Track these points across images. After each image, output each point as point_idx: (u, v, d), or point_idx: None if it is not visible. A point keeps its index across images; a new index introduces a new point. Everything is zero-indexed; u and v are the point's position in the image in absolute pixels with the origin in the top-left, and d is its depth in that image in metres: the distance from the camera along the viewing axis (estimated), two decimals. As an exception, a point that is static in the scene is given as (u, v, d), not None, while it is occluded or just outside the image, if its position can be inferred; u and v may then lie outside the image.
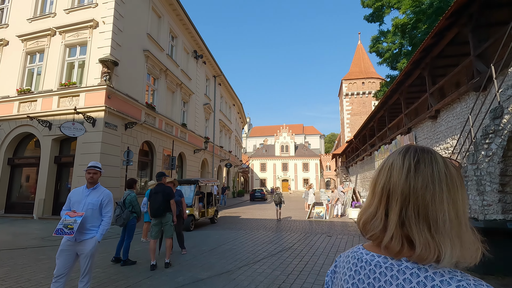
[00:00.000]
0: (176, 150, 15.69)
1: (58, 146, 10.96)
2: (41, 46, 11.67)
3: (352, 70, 46.92)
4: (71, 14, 11.52)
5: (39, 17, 12.04)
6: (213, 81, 23.90)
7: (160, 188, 4.99)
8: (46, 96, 10.94)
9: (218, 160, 24.82)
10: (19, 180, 11.63)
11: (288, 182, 55.67)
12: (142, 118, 12.56)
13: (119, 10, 11.14)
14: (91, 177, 3.37)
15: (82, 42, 11.17)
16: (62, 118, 10.44)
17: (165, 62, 14.83)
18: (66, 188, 10.72)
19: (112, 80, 10.51)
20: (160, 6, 14.51)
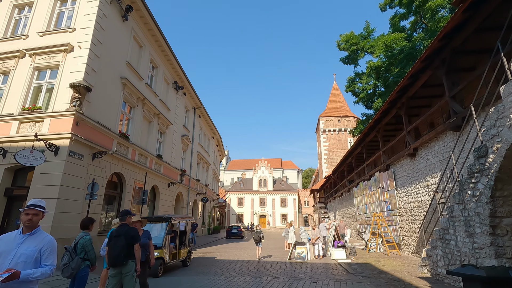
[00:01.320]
0: (149, 183, 14.63)
1: (11, 176, 9.70)
2: (7, 68, 10.86)
3: (329, 108, 48.93)
4: (44, 37, 10.99)
5: (9, 38, 11.38)
6: (193, 112, 23.57)
7: (123, 230, 4.22)
8: (4, 121, 9.90)
9: (194, 194, 23.59)
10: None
11: (266, 217, 54.12)
12: (114, 147, 11.67)
13: (98, 36, 10.79)
14: (29, 220, 2.63)
15: (53, 65, 10.52)
16: (21, 145, 9.37)
17: (144, 91, 14.37)
18: (15, 225, 9.29)
19: (83, 106, 9.79)
20: (142, 36, 14.40)
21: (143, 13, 13.82)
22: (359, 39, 22.20)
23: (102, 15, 11.10)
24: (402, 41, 17.39)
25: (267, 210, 54.52)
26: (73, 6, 11.49)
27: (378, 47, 18.46)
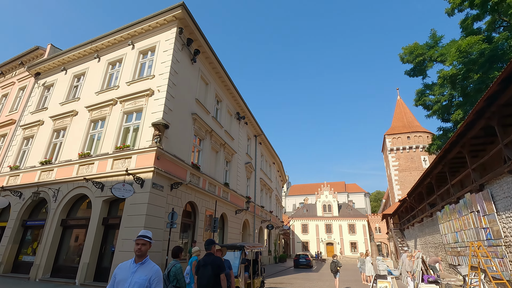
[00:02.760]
0: (218, 210, 15.20)
1: (107, 207, 11.14)
2: (104, 114, 12.94)
3: (395, 124, 45.38)
4: (131, 86, 12.88)
5: (105, 90, 13.66)
6: (254, 140, 24.31)
7: (209, 259, 4.36)
8: (102, 159, 11.62)
9: (260, 221, 23.61)
10: (68, 242, 11.75)
11: (334, 245, 50.68)
12: (187, 178, 12.60)
13: (173, 79, 12.21)
14: (139, 249, 2.92)
15: (138, 109, 12.17)
16: (114, 179, 10.80)
17: (211, 124, 15.48)
18: (110, 251, 10.47)
19: (162, 142, 10.94)
20: (208, 74, 15.81)
21: (208, 55, 15.28)
22: (425, 49, 20.57)
23: (175, 60, 12.61)
24: (480, 44, 15.48)
25: (334, 237, 51.17)
26: (152, 56, 13.35)
27: (450, 54, 16.75)
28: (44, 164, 13.30)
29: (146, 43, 13.67)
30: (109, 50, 14.86)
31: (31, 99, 16.57)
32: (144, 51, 13.76)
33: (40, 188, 12.56)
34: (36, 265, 11.01)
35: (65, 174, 12.35)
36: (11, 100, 18.04)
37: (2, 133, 16.74)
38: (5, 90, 18.96)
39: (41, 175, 13.20)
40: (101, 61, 14.87)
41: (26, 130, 15.44)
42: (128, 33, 13.99)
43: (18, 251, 12.63)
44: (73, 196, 11.79)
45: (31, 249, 12.40)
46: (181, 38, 13.17)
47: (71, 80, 15.60)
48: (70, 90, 15.38)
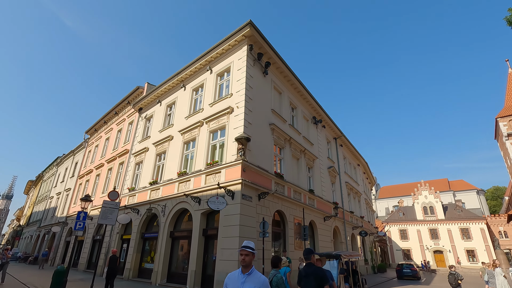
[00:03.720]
0: (306, 218, 14.94)
1: (205, 219, 12.22)
2: (194, 136, 14.44)
3: (509, 104, 37.02)
4: (213, 107, 14.06)
5: (192, 114, 15.27)
6: (334, 143, 23.30)
7: (311, 270, 4.21)
8: (197, 176, 12.89)
9: (350, 228, 22.18)
10: (177, 251, 13.29)
11: (444, 254, 43.59)
12: (273, 187, 12.83)
13: (249, 94, 12.81)
14: (243, 259, 3.02)
15: (221, 126, 13.15)
16: (208, 193, 11.82)
17: (288, 132, 15.54)
18: (212, 260, 11.36)
19: (246, 154, 11.47)
20: (280, 84, 16.06)
21: (279, 65, 15.55)
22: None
23: (249, 76, 13.24)
24: None
25: (443, 244, 44.03)
26: (228, 77, 14.35)
27: None
28: (152, 184, 15.54)
29: (222, 66, 14.80)
30: (192, 78, 16.67)
31: (137, 130, 19.82)
32: (220, 73, 14.92)
33: (151, 205, 14.72)
34: (155, 272, 12.79)
35: (169, 192, 14.15)
36: (124, 134, 21.96)
37: (120, 161, 20.44)
38: (119, 126, 23.23)
39: (151, 194, 15.45)
40: (186, 89, 16.78)
41: (136, 157, 18.46)
42: (206, 59, 15.43)
43: (140, 259, 14.94)
44: (177, 210, 13.35)
45: (150, 258, 14.49)
46: (252, 54, 13.79)
47: (165, 109, 18.05)
48: (165, 118, 17.78)
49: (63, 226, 25.66)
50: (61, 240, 25.36)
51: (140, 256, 14.98)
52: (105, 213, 10.14)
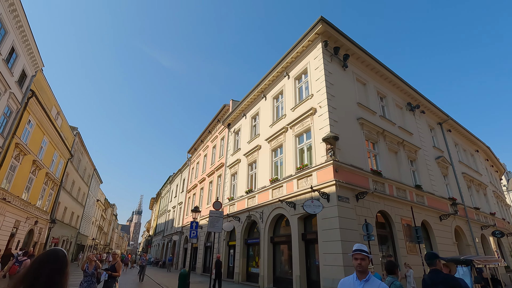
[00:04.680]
0: (416, 218, 13.09)
1: (302, 223, 12.13)
2: (280, 142, 14.71)
3: None
4: (295, 111, 14.06)
5: (276, 121, 15.64)
6: (440, 129, 19.98)
7: (439, 278, 3.58)
8: (288, 181, 13.01)
9: (478, 227, 18.35)
10: (279, 256, 13.59)
11: None
12: (371, 186, 11.81)
13: (330, 92, 12.30)
14: (359, 264, 2.77)
15: (306, 129, 12.99)
16: (302, 197, 11.74)
17: (380, 124, 14.16)
18: (315, 265, 11.13)
19: (336, 154, 10.96)
20: (362, 74, 14.89)
21: (359, 55, 14.49)
22: None
23: (328, 73, 12.75)
24: None
25: None
26: (306, 78, 14.17)
27: None
28: (248, 193, 16.48)
29: (298, 69, 14.76)
30: (271, 88, 17.18)
31: (229, 144, 21.52)
32: (298, 76, 14.88)
33: (250, 212, 15.59)
34: (262, 276, 13.34)
35: (264, 199, 14.71)
36: (218, 149, 24.20)
37: (218, 174, 22.52)
38: (213, 142, 25.76)
39: (248, 202, 16.38)
40: (267, 99, 17.36)
41: (231, 169, 19.99)
42: (281, 66, 15.69)
43: (247, 264, 15.88)
44: (274, 216, 13.72)
45: (255, 263, 15.25)
46: (328, 50, 13.29)
47: (250, 121, 19.07)
48: (251, 129, 18.77)
49: (180, 235, 29.73)
50: (180, 247, 29.40)
51: (246, 261, 15.94)
52: (213, 222, 11.25)
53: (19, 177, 19.47)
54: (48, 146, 23.89)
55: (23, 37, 17.10)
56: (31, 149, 20.41)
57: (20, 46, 17.06)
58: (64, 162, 28.71)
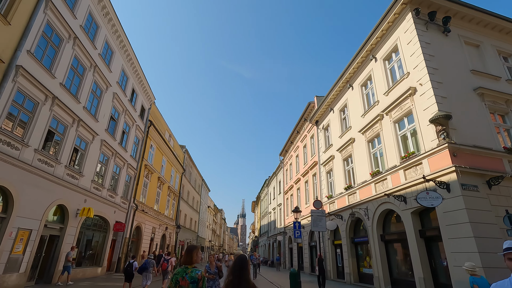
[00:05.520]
0: None
1: (418, 219, 10.72)
2: (376, 132, 13.50)
3: None
4: (389, 95, 12.68)
5: (367, 110, 14.47)
6: None
7: None
8: (392, 173, 11.77)
9: None
10: (394, 256, 12.36)
11: None
12: (507, 168, 9.50)
13: (431, 65, 10.60)
14: (515, 264, 2.28)
15: (406, 112, 11.52)
16: (413, 189, 10.41)
17: (509, 90, 11.30)
18: (441, 266, 9.63)
19: (451, 135, 9.31)
20: (473, 36, 12.26)
21: (465, 12, 11.98)
22: None
23: (425, 45, 11.04)
24: None
25: None
26: (397, 56, 12.64)
27: None
28: (347, 189, 15.68)
29: (386, 48, 13.32)
30: (356, 75, 16.05)
31: (319, 142, 21.07)
32: (387, 56, 13.43)
33: (353, 210, 14.79)
34: (376, 277, 12.39)
35: (366, 194, 13.72)
36: (308, 148, 24.01)
37: (312, 173, 22.30)
38: (303, 142, 25.71)
39: (349, 199, 15.58)
40: (354, 88, 16.27)
41: (325, 166, 19.48)
42: (366, 50, 14.48)
43: (357, 264, 15.05)
44: (381, 212, 12.60)
45: (366, 262, 14.30)
46: (421, 18, 11.52)
47: (339, 115, 18.22)
48: (341, 123, 17.90)
49: (284, 235, 30.63)
50: (285, 247, 30.27)
51: (355, 260, 15.13)
52: (315, 221, 11.17)
53: (150, 191, 23.94)
54: (167, 164, 28.60)
55: (139, 79, 21.14)
56: (155, 168, 24.84)
57: (137, 86, 21.15)
58: (179, 176, 33.79)
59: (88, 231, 15.42)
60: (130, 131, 19.92)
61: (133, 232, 20.70)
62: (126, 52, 18.52)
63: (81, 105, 13.53)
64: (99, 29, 15.03)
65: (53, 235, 12.38)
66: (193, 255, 2.96)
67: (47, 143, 11.66)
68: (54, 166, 11.81)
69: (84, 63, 13.71)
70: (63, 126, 12.37)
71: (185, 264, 2.96)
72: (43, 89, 10.80)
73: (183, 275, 2.82)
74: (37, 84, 10.47)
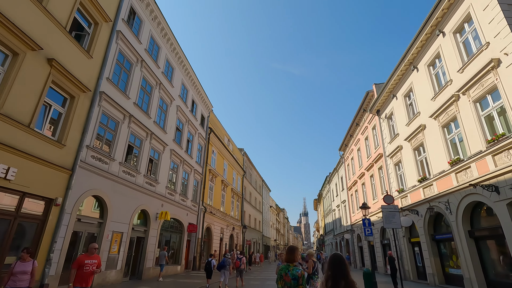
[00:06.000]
0: None
1: (516, 211, 9.14)
2: (451, 115, 11.98)
3: None
4: (464, 72, 11.14)
5: (438, 92, 12.93)
6: None
7: None
8: (477, 159, 10.28)
9: None
10: (488, 255, 10.73)
11: None
12: None
13: (518, 29, 8.97)
14: None
15: (490, 89, 9.95)
16: (506, 177, 8.92)
17: None
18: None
19: (555, 109, 7.72)
20: None
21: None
22: None
23: (506, 7, 9.41)
24: None
25: None
26: (471, 26, 11.05)
27: None
28: (422, 181, 14.22)
29: (455, 20, 11.75)
30: (421, 55, 14.51)
31: (383, 132, 19.59)
32: (457, 28, 11.84)
33: (430, 204, 13.35)
34: (468, 279, 10.93)
35: (446, 185, 12.25)
36: (371, 140, 22.52)
37: (378, 166, 20.83)
38: (364, 134, 24.24)
39: (424, 192, 14.11)
40: (419, 69, 14.73)
41: (392, 158, 18.01)
42: (430, 25, 13.00)
43: (441, 264, 13.51)
44: (467, 205, 11.09)
45: (453, 262, 12.75)
46: (498, -23, 9.86)
47: (403, 101, 16.68)
48: (407, 110, 16.35)
49: (352, 233, 29.25)
50: (354, 245, 28.86)
51: (439, 260, 13.62)
52: (388, 217, 10.41)
53: (216, 194, 25.36)
54: (228, 168, 29.94)
55: (197, 90, 22.64)
56: (218, 172, 26.22)
57: (196, 97, 22.67)
58: (240, 178, 35.05)
59: (167, 233, 17.07)
60: (194, 139, 21.43)
61: (204, 233, 22.18)
62: (185, 67, 20.02)
63: (151, 120, 15.10)
64: (160, 50, 16.58)
65: (139, 236, 14.04)
66: (295, 254, 3.31)
67: (128, 156, 13.30)
68: (135, 176, 13.40)
69: (151, 82, 15.27)
70: (139, 140, 13.96)
71: (287, 262, 3.29)
72: (121, 109, 12.37)
73: (286, 272, 3.16)
74: (116, 106, 12.04)
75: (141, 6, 14.55)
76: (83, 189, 10.07)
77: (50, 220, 8.62)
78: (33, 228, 8.24)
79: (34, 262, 5.47)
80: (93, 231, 10.81)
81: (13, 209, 7.58)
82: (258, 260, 32.95)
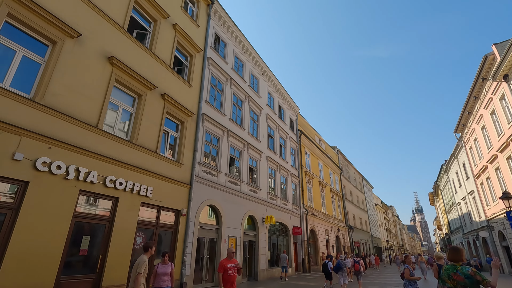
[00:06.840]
0: None
1: None
2: None
3: None
4: None
5: None
6: None
7: None
8: None
9: None
10: None
11: None
12: None
13: None
14: None
15: None
16: None
17: None
18: None
19: None
20: None
21: None
22: None
23: None
24: None
25: None
26: None
27: None
28: None
29: None
30: None
31: (518, 101, 15.42)
32: None
33: None
34: None
35: None
36: (500, 114, 18.03)
37: (517, 145, 16.44)
38: (489, 108, 19.64)
39: None
40: None
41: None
42: None
43: None
44: None
45: None
46: None
47: (545, 56, 12.77)
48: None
49: (490, 230, 23.87)
50: (495, 245, 23.41)
51: None
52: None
53: (315, 196, 24.99)
54: (323, 167, 29.18)
55: (282, 95, 23.11)
56: (314, 173, 25.84)
57: (282, 102, 23.13)
58: (338, 177, 33.60)
59: (273, 236, 17.75)
60: (286, 144, 21.83)
61: (309, 235, 22.07)
62: (268, 76, 20.79)
63: (246, 131, 16.18)
64: (244, 65, 17.74)
65: (250, 240, 15.07)
66: (462, 254, 3.35)
67: (231, 167, 14.57)
68: (239, 184, 14.53)
69: (240, 97, 16.45)
70: (238, 151, 15.14)
71: (452, 262, 3.35)
72: (220, 126, 13.71)
73: (454, 271, 3.23)
74: (216, 124, 13.43)
75: (223, 30, 15.97)
76: (201, 199, 11.54)
77: (180, 228, 10.19)
78: (168, 235, 9.90)
79: (171, 264, 6.26)
80: (212, 236, 12.20)
81: (153, 221, 9.31)
82: (373, 262, 30.54)
